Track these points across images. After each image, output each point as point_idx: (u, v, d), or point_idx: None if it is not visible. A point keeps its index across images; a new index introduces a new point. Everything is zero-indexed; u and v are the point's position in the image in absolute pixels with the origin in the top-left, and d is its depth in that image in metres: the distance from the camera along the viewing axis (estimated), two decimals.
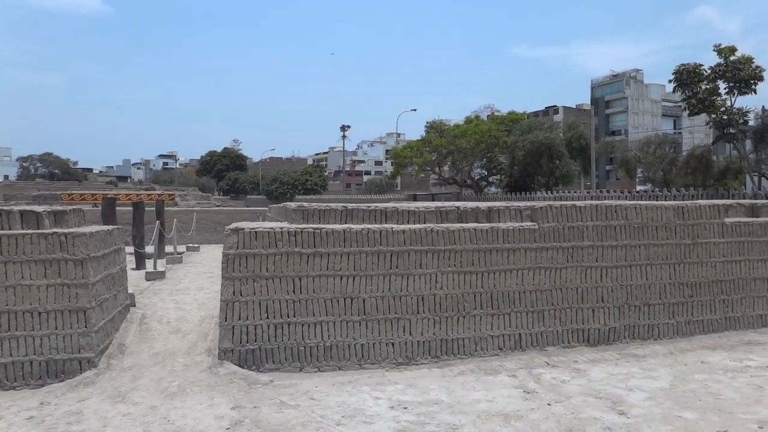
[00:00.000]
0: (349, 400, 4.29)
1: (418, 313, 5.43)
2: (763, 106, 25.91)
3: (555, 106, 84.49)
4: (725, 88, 23.33)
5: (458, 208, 5.85)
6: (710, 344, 5.92)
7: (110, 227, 6.15)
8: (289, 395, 4.41)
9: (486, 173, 37.23)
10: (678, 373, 4.91)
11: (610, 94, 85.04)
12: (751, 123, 25.81)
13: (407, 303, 5.41)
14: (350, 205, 5.69)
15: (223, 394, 4.41)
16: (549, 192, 25.99)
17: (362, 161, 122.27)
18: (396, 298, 5.40)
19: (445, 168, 38.17)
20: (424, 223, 5.67)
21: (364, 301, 5.33)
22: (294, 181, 53.36)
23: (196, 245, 16.03)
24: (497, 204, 5.96)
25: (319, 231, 5.29)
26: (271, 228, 5.26)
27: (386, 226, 5.48)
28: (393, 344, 5.37)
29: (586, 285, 5.91)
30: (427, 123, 37.83)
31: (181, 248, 14.87)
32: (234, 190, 59.86)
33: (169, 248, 13.80)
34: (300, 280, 5.23)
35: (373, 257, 5.36)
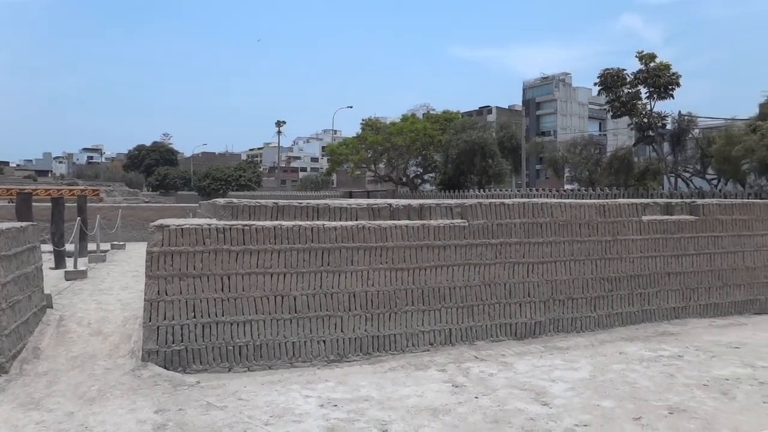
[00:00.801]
0: (278, 400, 4.23)
1: (349, 310, 5.42)
2: (680, 111, 27.47)
3: (489, 106, 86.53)
4: (646, 93, 24.62)
5: (390, 205, 5.88)
6: (628, 335, 6.22)
7: (24, 224, 5.80)
8: (217, 396, 4.31)
9: (421, 171, 37.69)
10: (598, 363, 5.13)
11: (540, 95, 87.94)
12: (668, 127, 27.31)
13: (339, 300, 5.40)
14: (281, 202, 5.62)
15: (147, 398, 4.25)
16: (482, 190, 26.60)
17: (298, 158, 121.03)
18: (327, 295, 5.37)
19: (381, 165, 38.35)
20: (356, 220, 5.66)
21: (295, 298, 5.27)
22: (227, 177, 52.17)
23: (121, 243, 15.39)
24: (429, 201, 6.04)
25: (248, 228, 5.18)
26: (199, 225, 5.11)
27: (318, 223, 5.44)
28: (324, 342, 5.34)
29: (513, 280, 6.08)
30: (363, 120, 37.94)
31: (105, 246, 14.24)
32: (164, 186, 57.83)
33: (92, 246, 13.18)
34: (229, 278, 5.11)
35: (305, 254, 5.31)
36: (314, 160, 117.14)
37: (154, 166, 65.32)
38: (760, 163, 22.23)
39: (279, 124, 70.28)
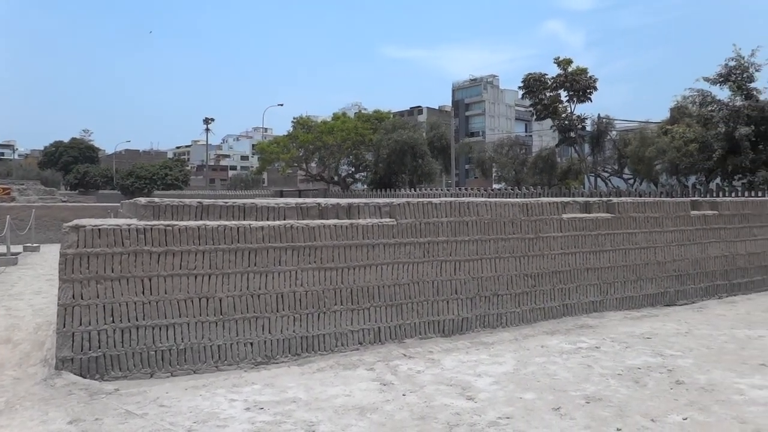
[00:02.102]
0: (202, 405, 4.11)
1: (277, 311, 5.35)
2: (599, 114, 28.87)
3: (419, 106, 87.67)
4: (566, 97, 25.73)
5: (319, 204, 5.84)
6: (550, 329, 6.46)
7: None
8: (137, 404, 4.14)
9: (353, 170, 37.72)
10: (521, 357, 5.30)
11: (469, 97, 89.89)
12: (588, 128, 28.64)
13: (266, 301, 5.31)
14: (206, 201, 5.46)
15: (60, 408, 4.03)
16: (413, 189, 26.93)
17: (227, 156, 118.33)
18: (254, 296, 5.27)
19: (313, 164, 38.12)
20: (284, 219, 5.59)
21: (220, 300, 5.14)
22: (152, 176, 50.22)
23: (35, 245, 14.54)
24: (357, 201, 6.05)
25: (171, 228, 5.01)
26: (117, 225, 4.89)
27: (244, 222, 5.33)
28: (252, 344, 5.24)
29: (441, 278, 6.19)
30: (294, 119, 37.58)
31: (17, 248, 13.40)
32: (83, 185, 54.91)
33: (1, 249, 12.36)
34: (150, 280, 4.92)
35: (230, 255, 5.19)
36: (244, 158, 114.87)
37: (72, 164, 61.86)
38: (670, 163, 23.67)
39: (207, 121, 68.37)
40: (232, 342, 5.16)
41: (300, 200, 5.98)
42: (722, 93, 21.49)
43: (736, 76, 20.78)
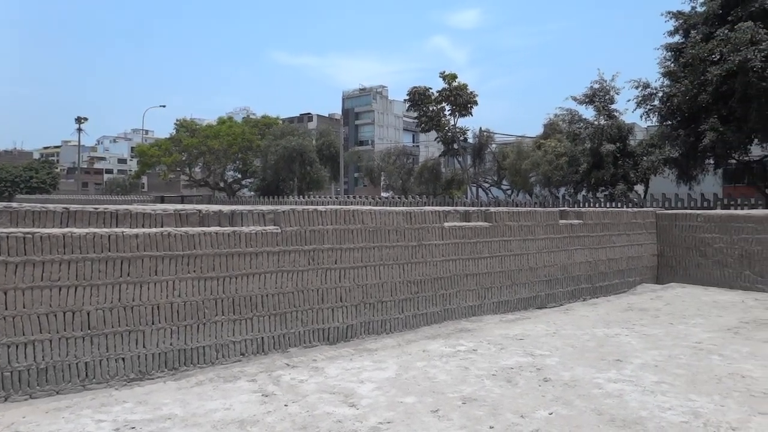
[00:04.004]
0: (64, 428, 3.80)
1: (153, 323, 5.08)
2: (480, 128, 30.42)
3: (309, 113, 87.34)
4: (449, 110, 26.89)
5: (200, 211, 5.63)
6: (431, 334, 6.68)
7: None
8: None
9: (240, 176, 36.75)
10: (403, 362, 5.42)
11: (359, 106, 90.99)
12: (470, 141, 30.06)
13: (141, 313, 5.02)
14: (73, 207, 5.07)
15: None
16: (301, 197, 26.75)
17: (103, 158, 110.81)
18: (127, 308, 4.97)
19: (197, 169, 36.66)
20: (162, 226, 5.33)
21: (88, 314, 4.79)
22: (14, 178, 45.87)
23: None
24: (240, 207, 5.91)
25: (31, 236, 4.60)
26: None
27: (116, 230, 5.02)
28: (123, 359, 4.93)
29: (326, 286, 6.19)
30: (177, 121, 35.98)
31: None
32: None
33: None
34: (5, 293, 4.48)
35: (100, 265, 4.85)
36: (122, 161, 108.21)
37: None
38: (544, 176, 25.45)
39: (80, 120, 63.59)
40: (101, 358, 4.82)
41: (179, 206, 5.73)
42: (588, 112, 23.49)
43: (600, 97, 22.78)
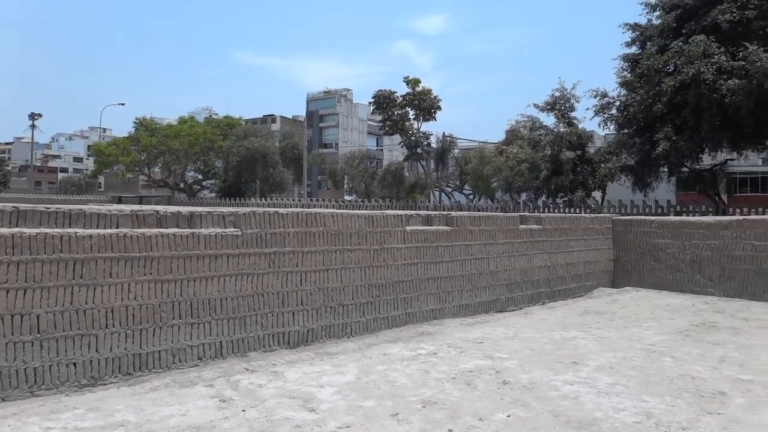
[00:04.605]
0: None
1: (106, 327, 4.93)
2: (444, 132, 30.68)
3: (273, 115, 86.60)
4: (413, 114, 27.08)
5: (157, 212, 5.51)
6: (392, 337, 6.68)
7: None
8: None
9: (200, 177, 36.14)
10: (363, 366, 5.41)
11: (323, 108, 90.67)
12: (434, 146, 30.29)
13: (93, 317, 4.87)
14: (23, 206, 4.89)
15: None
16: (264, 199, 26.47)
17: (58, 156, 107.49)
18: (80, 311, 4.81)
19: (156, 169, 35.89)
20: (117, 227, 5.19)
21: (38, 317, 4.61)
22: None
23: None
24: (199, 209, 5.80)
25: None
26: None
27: (69, 230, 4.85)
28: (75, 364, 4.77)
29: (286, 289, 6.13)
30: (137, 120, 35.19)
31: None
32: None
33: None
34: None
35: (52, 266, 4.69)
36: (78, 160, 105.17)
37: None
38: (505, 181, 25.82)
39: (33, 116, 61.57)
40: (51, 363, 4.65)
41: (136, 207, 5.58)
42: (549, 119, 23.97)
43: (560, 105, 23.30)
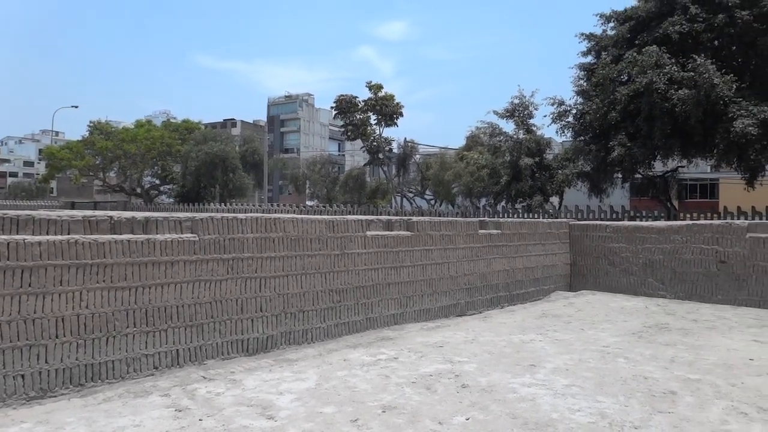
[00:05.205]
0: None
1: (57, 337, 4.76)
2: (405, 138, 30.87)
3: (233, 119, 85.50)
4: (375, 120, 27.17)
5: (111, 218, 5.36)
6: (353, 343, 6.66)
7: None
8: None
9: (158, 182, 35.38)
10: (323, 372, 5.38)
11: (285, 113, 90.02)
12: (395, 151, 30.44)
13: (43, 326, 4.70)
14: None
15: None
16: (223, 204, 26.06)
17: (7, 160, 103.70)
18: (28, 321, 4.64)
19: (112, 174, 34.97)
20: (69, 234, 5.03)
21: None
22: None
23: None
24: (155, 214, 5.67)
25: None
26: None
27: (17, 237, 4.69)
28: (23, 376, 4.59)
29: (245, 296, 6.05)
30: (91, 123, 34.22)
31: None
32: None
33: None
34: None
35: None
36: (29, 164, 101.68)
37: None
38: (466, 187, 26.11)
39: None
40: None
41: (89, 213, 5.42)
42: (508, 126, 24.41)
43: (519, 112, 23.74)
